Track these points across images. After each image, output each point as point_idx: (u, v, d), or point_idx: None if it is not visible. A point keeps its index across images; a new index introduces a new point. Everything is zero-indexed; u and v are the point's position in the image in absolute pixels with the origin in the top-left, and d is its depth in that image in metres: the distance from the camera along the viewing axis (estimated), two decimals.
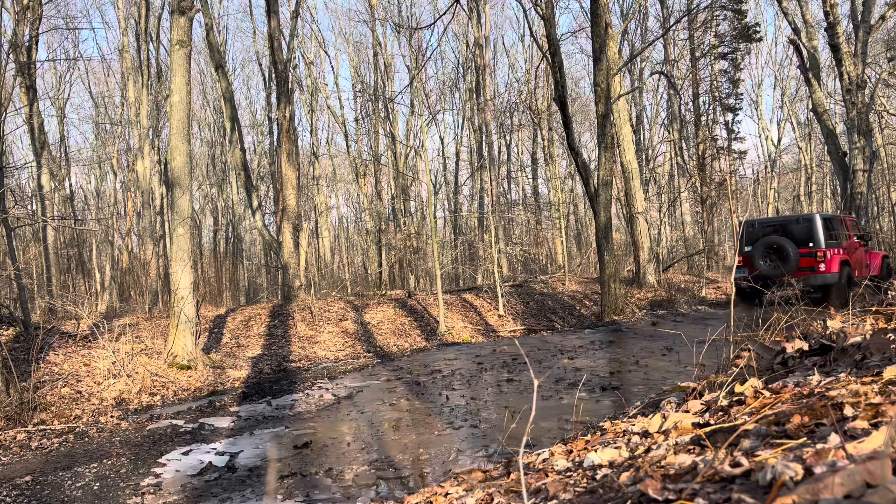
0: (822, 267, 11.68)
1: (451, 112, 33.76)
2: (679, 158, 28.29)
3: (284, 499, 3.75)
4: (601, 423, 3.16)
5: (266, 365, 9.59)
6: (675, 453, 1.80)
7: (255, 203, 17.18)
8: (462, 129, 32.55)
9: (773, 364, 2.82)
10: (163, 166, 25.12)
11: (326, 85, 31.41)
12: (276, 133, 26.95)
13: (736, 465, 1.32)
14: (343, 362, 9.95)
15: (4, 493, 4.18)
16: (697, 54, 24.60)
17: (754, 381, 2.40)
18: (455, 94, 33.48)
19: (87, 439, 5.68)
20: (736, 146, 25.76)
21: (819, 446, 1.29)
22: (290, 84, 17.64)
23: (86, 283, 24.49)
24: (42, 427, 5.99)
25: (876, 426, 1.41)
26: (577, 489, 1.78)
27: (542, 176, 31.94)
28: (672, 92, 26.09)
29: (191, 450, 5.06)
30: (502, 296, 14.64)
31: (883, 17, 16.65)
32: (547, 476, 2.16)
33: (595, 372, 7.41)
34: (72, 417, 6.42)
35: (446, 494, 2.56)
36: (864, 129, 16.50)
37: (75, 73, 31.33)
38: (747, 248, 12.60)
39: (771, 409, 1.93)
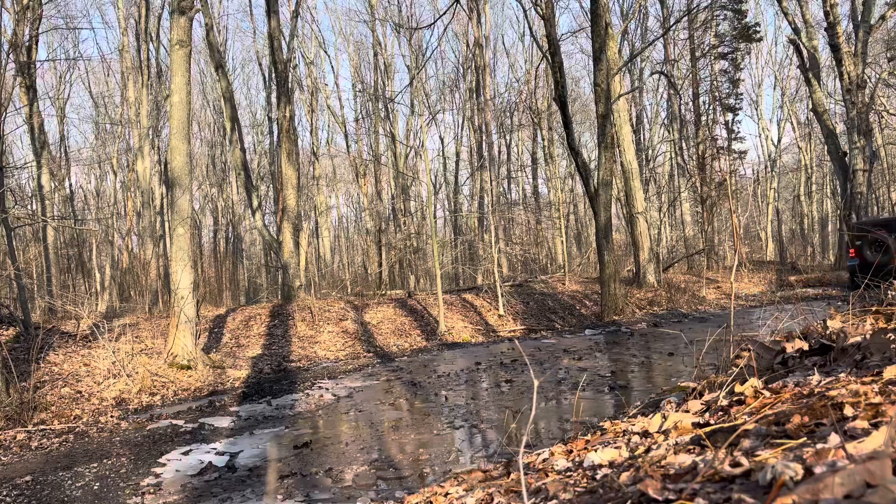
0: None
1: (451, 112, 33.75)
2: (679, 158, 28.29)
3: (284, 499, 3.75)
4: (601, 423, 3.16)
5: (266, 365, 9.59)
6: (675, 453, 1.80)
7: (255, 203, 17.18)
8: (462, 129, 32.55)
9: (773, 364, 2.82)
10: (163, 166, 25.12)
11: (326, 85, 31.42)
12: (276, 133, 26.97)
13: (736, 464, 1.32)
14: (343, 362, 9.95)
15: (4, 493, 4.17)
16: (697, 54, 24.60)
17: (754, 381, 2.40)
18: (455, 94, 33.49)
19: (87, 439, 5.68)
20: (736, 146, 25.79)
21: (819, 446, 1.29)
22: (290, 84, 17.64)
23: (86, 283, 24.50)
24: (42, 427, 5.98)
25: (876, 426, 1.41)
26: (577, 489, 1.77)
27: (542, 176, 31.96)
28: (672, 92, 26.10)
29: (191, 450, 5.07)
30: (502, 296, 14.64)
31: (883, 17, 16.65)
32: (547, 476, 2.16)
33: (595, 372, 7.41)
34: (72, 417, 6.42)
35: (446, 494, 2.56)
36: (864, 129, 16.52)
37: (75, 73, 31.42)
38: (857, 243, 15.37)
39: (771, 409, 1.93)
